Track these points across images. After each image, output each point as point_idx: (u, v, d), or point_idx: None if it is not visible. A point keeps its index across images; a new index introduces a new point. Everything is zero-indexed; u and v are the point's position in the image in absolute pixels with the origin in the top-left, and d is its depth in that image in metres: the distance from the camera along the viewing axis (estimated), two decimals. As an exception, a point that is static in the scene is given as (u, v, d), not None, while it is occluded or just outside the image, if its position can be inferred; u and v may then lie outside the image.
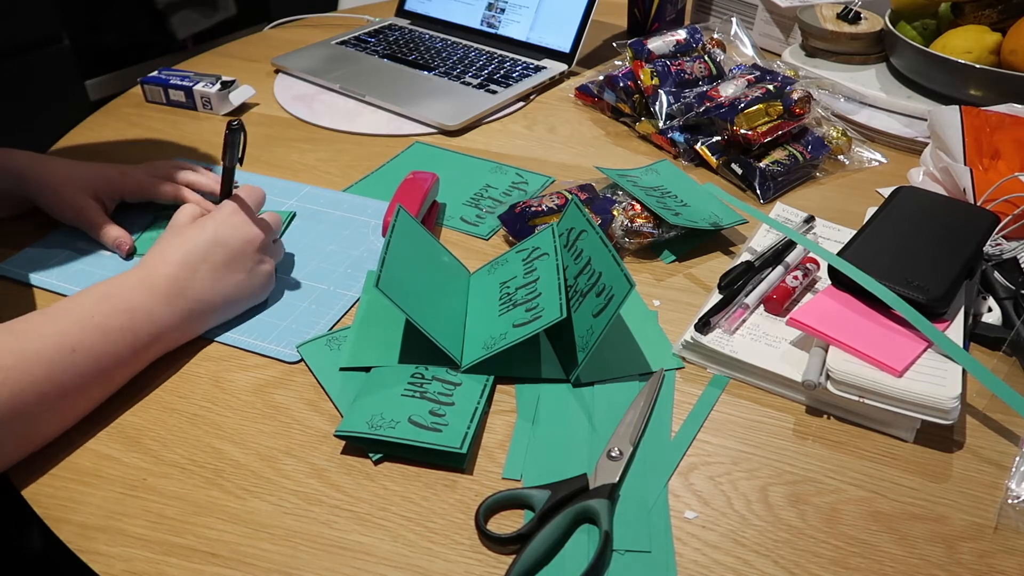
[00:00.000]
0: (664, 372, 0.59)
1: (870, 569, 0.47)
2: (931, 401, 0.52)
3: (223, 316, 0.63)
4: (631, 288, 0.53)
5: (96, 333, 0.54)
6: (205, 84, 0.97)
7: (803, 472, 0.53)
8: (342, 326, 0.64)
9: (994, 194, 0.70)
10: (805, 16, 1.06)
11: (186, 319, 0.59)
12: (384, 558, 0.47)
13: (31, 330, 0.52)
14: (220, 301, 0.61)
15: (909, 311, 0.57)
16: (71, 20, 1.77)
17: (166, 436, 0.55)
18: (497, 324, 0.59)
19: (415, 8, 1.24)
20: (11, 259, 0.70)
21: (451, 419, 0.54)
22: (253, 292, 0.64)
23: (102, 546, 0.48)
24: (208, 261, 0.60)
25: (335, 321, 0.65)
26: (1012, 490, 0.51)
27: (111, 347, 0.54)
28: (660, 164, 0.83)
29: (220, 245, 0.61)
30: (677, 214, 0.72)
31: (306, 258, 0.72)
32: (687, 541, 0.48)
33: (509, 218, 0.73)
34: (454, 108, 0.97)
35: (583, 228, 0.61)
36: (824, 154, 0.85)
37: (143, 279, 0.58)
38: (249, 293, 0.63)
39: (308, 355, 0.61)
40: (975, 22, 0.94)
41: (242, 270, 0.62)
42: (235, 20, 2.23)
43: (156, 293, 0.57)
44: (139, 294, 0.57)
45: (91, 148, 0.91)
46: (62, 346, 0.52)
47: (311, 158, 0.89)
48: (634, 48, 0.95)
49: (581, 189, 0.76)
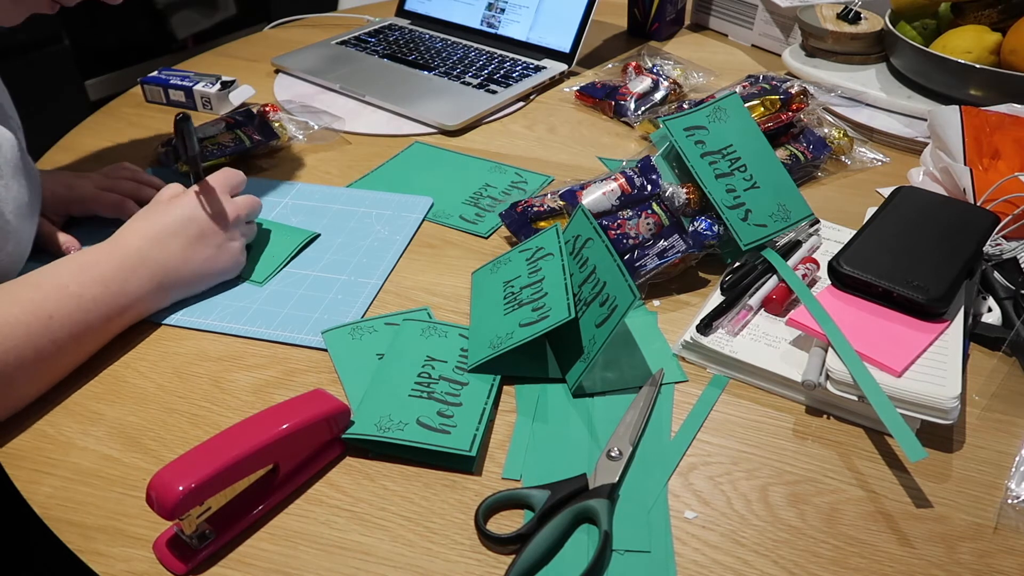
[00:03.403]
0: (664, 371, 0.59)
1: (870, 569, 0.47)
2: (931, 401, 0.52)
3: (192, 289, 0.66)
4: (635, 299, 0.53)
5: (71, 302, 0.57)
6: (205, 84, 0.97)
7: (803, 472, 0.53)
8: (371, 315, 0.65)
9: (994, 194, 0.70)
10: (805, 16, 1.06)
11: (155, 290, 0.62)
12: (384, 558, 0.47)
13: (11, 297, 0.55)
14: (188, 274, 0.64)
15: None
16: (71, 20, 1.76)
17: (166, 436, 0.55)
18: (503, 323, 0.59)
19: (415, 8, 1.24)
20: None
21: (459, 420, 0.54)
22: (222, 267, 0.66)
23: (102, 546, 0.48)
24: (179, 236, 0.63)
25: (364, 309, 0.66)
26: (1012, 490, 0.51)
27: (84, 315, 0.57)
28: (728, 100, 0.74)
29: (191, 220, 0.64)
30: (745, 220, 0.68)
31: (318, 252, 0.73)
32: (687, 541, 0.48)
33: (510, 216, 0.73)
34: (454, 108, 0.97)
35: (589, 236, 0.61)
36: (825, 154, 0.84)
37: (116, 251, 0.61)
38: (218, 268, 0.66)
39: (330, 342, 0.62)
40: (975, 22, 0.94)
41: (211, 246, 0.65)
42: (235, 20, 2.23)
43: (128, 265, 0.61)
44: (112, 266, 0.60)
45: (91, 148, 0.91)
46: (40, 313, 0.55)
47: (311, 158, 0.89)
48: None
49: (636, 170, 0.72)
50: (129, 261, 0.61)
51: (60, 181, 0.74)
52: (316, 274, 0.70)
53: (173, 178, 0.82)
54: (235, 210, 0.67)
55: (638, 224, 0.68)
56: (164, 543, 0.47)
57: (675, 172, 0.73)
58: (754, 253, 0.67)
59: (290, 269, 0.71)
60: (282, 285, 0.69)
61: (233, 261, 0.67)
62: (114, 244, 0.62)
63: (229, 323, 0.64)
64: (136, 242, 0.62)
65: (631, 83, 0.98)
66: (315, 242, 0.74)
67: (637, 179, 0.71)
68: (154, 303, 0.63)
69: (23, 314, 0.54)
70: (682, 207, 0.70)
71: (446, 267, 0.72)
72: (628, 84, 0.98)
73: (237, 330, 0.63)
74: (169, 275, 0.63)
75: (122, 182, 0.76)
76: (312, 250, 0.73)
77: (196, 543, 0.47)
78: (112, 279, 0.59)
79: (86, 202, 0.74)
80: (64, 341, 0.56)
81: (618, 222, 0.68)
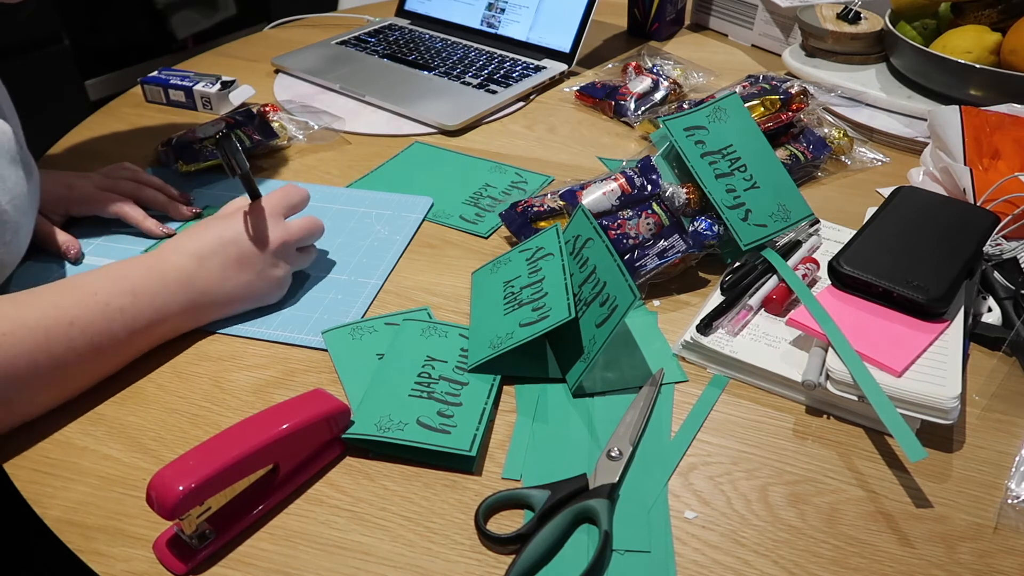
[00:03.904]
0: (664, 371, 0.59)
1: (870, 569, 0.47)
2: (931, 401, 0.52)
3: (226, 312, 0.63)
4: (635, 299, 0.53)
5: (96, 310, 0.55)
6: (205, 84, 0.97)
7: (803, 472, 0.53)
8: (372, 315, 0.65)
9: (994, 194, 0.70)
10: (805, 16, 1.06)
11: (188, 310, 0.60)
12: (384, 558, 0.47)
13: (34, 301, 0.54)
14: (224, 298, 0.62)
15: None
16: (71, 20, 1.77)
17: (166, 436, 0.55)
18: (503, 323, 0.59)
19: (415, 8, 1.24)
20: (15, 275, 0.70)
21: (459, 420, 0.54)
22: (261, 293, 0.64)
23: (102, 546, 0.48)
24: (219, 256, 0.61)
25: (364, 309, 0.66)
26: (1012, 490, 0.51)
27: (108, 325, 0.55)
28: (728, 100, 0.74)
29: (234, 243, 0.62)
30: (746, 220, 0.68)
31: (319, 252, 0.73)
32: (687, 541, 0.48)
33: (510, 216, 0.73)
34: (454, 108, 0.97)
35: (589, 236, 0.61)
36: (825, 154, 0.84)
37: (153, 265, 0.59)
38: (257, 294, 0.64)
39: (331, 342, 0.62)
40: (975, 22, 0.94)
41: (251, 271, 0.62)
42: (235, 20, 2.23)
43: (163, 280, 0.58)
44: (146, 279, 0.58)
45: (91, 148, 0.91)
46: (60, 318, 0.53)
47: (311, 158, 0.89)
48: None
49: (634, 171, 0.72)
50: (164, 276, 0.59)
51: (60, 181, 0.74)
52: (316, 274, 0.70)
53: (173, 178, 0.82)
54: (284, 235, 0.64)
55: (638, 224, 0.68)
56: (164, 543, 0.47)
57: (675, 172, 0.73)
58: (754, 253, 0.67)
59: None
60: (282, 285, 0.69)
61: (273, 289, 0.64)
62: (152, 257, 0.60)
63: (229, 323, 0.64)
64: (174, 258, 0.60)
65: (631, 83, 0.98)
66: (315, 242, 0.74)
67: (637, 179, 0.71)
68: (186, 322, 0.61)
69: (43, 317, 0.52)
70: (682, 207, 0.70)
71: (446, 267, 0.72)
72: (628, 84, 0.98)
73: (237, 330, 0.63)
74: (205, 295, 0.60)
75: (122, 182, 0.76)
76: None
77: (196, 543, 0.47)
78: (143, 291, 0.57)
79: (86, 202, 0.74)
80: (83, 349, 0.54)
81: (618, 222, 0.68)
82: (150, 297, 0.58)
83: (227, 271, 0.61)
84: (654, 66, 1.02)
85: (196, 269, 0.60)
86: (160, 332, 0.60)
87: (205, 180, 0.83)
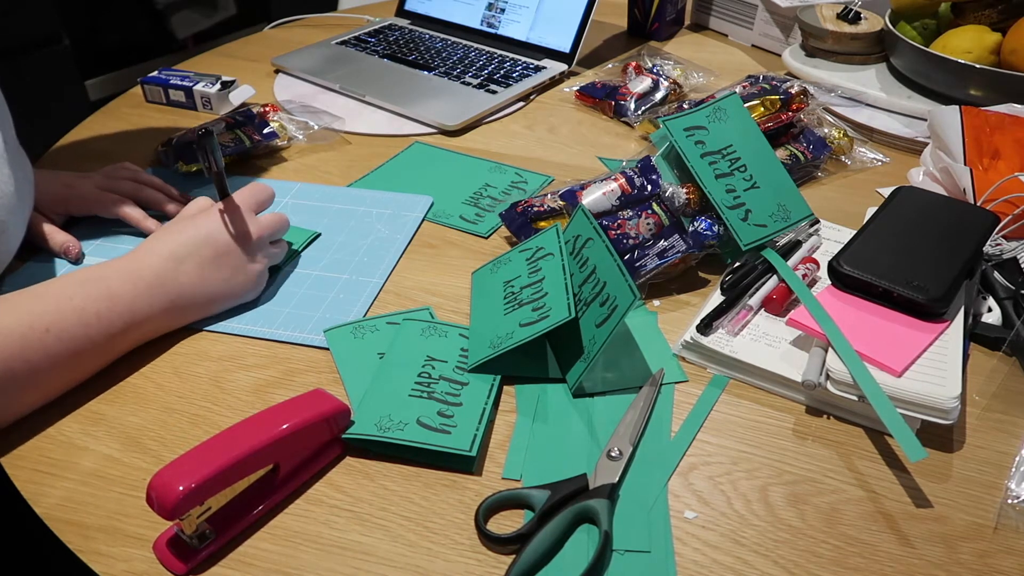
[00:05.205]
0: (664, 371, 0.59)
1: (870, 569, 0.47)
2: (931, 401, 0.52)
3: (205, 312, 0.63)
4: (635, 299, 0.53)
5: (72, 315, 0.55)
6: (205, 84, 0.97)
7: (803, 472, 0.53)
8: (373, 314, 0.65)
9: (994, 194, 0.70)
10: (805, 16, 1.06)
11: (166, 311, 0.60)
12: (384, 558, 0.47)
13: (9, 306, 0.53)
14: (204, 297, 0.62)
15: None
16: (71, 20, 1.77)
17: (166, 436, 0.55)
18: (503, 323, 0.59)
19: (415, 8, 1.24)
20: (15, 274, 0.70)
21: (459, 420, 0.54)
22: (240, 290, 0.64)
23: (102, 546, 0.48)
24: (195, 256, 0.61)
25: (366, 308, 0.66)
26: (1012, 490, 0.51)
27: (85, 331, 0.55)
28: (728, 100, 0.74)
29: (209, 242, 0.62)
30: (746, 220, 0.68)
31: (319, 251, 0.73)
32: (687, 541, 0.48)
33: (510, 216, 0.73)
34: (454, 108, 0.97)
35: (589, 236, 0.61)
36: (825, 154, 0.84)
37: (129, 268, 0.59)
38: (236, 290, 0.64)
39: (332, 341, 0.62)
40: (975, 22, 0.94)
41: (229, 267, 0.62)
42: (235, 20, 2.23)
43: (139, 283, 0.58)
44: (122, 282, 0.58)
45: (91, 148, 0.91)
46: (36, 325, 0.53)
47: (311, 158, 0.89)
48: None
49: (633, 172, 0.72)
50: (140, 278, 0.58)
51: (60, 181, 0.74)
52: (317, 273, 0.70)
53: (173, 178, 0.82)
54: (258, 230, 0.64)
55: (638, 224, 0.68)
56: (164, 543, 0.47)
57: (675, 172, 0.73)
58: (754, 253, 0.67)
59: (291, 268, 0.71)
60: (283, 284, 0.69)
61: (251, 284, 0.64)
62: (128, 260, 0.60)
63: (230, 322, 0.64)
64: (150, 260, 0.59)
65: (631, 83, 0.98)
66: (316, 241, 0.74)
67: (637, 179, 0.71)
68: (165, 323, 0.61)
69: (19, 325, 0.52)
70: (682, 207, 0.70)
71: (446, 267, 0.72)
72: (628, 84, 0.98)
73: (238, 329, 0.63)
74: (183, 296, 0.60)
75: (122, 182, 0.76)
76: (313, 249, 0.73)
77: (196, 543, 0.47)
78: (120, 295, 0.57)
79: (86, 202, 0.74)
80: (61, 356, 0.54)
81: (618, 222, 0.68)
82: (127, 301, 0.57)
83: (204, 270, 0.61)
84: (654, 66, 1.02)
85: (173, 271, 0.60)
86: (139, 334, 0.60)
87: (205, 180, 0.83)
